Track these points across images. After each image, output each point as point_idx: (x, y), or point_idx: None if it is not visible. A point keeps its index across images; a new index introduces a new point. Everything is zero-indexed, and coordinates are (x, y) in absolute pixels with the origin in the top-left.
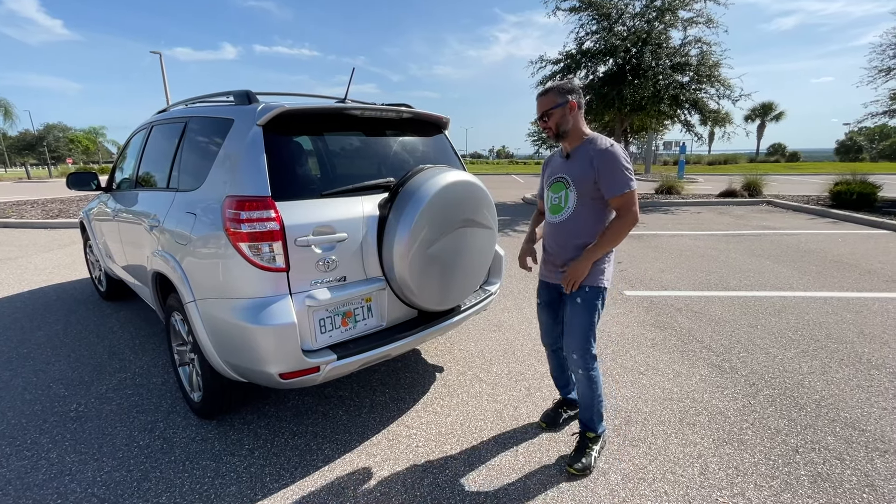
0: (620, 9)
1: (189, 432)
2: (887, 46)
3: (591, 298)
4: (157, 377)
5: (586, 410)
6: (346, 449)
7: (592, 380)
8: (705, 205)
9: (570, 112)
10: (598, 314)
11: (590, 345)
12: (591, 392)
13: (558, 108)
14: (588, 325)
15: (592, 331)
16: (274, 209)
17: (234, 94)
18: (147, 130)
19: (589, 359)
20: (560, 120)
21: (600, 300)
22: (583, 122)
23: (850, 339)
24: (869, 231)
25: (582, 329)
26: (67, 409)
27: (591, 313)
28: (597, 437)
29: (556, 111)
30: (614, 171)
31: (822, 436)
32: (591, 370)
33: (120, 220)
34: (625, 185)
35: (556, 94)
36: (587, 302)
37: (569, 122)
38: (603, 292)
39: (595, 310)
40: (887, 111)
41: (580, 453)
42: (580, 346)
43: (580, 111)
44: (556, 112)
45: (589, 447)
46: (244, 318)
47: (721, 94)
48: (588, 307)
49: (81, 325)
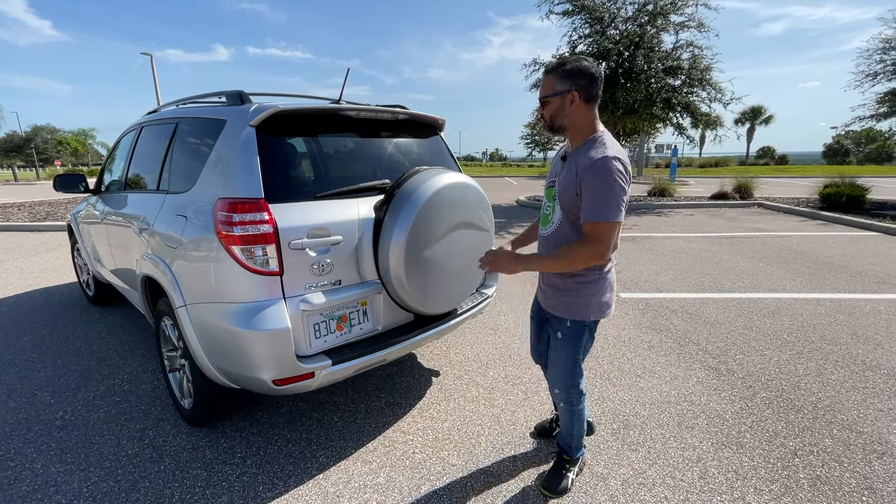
0: (613, 13)
1: (179, 440)
2: (874, 51)
3: (572, 334)
4: (147, 383)
5: (565, 437)
6: (342, 456)
7: (574, 414)
8: (698, 207)
9: (570, 104)
10: (581, 350)
11: (573, 381)
12: (571, 424)
13: (556, 96)
14: (570, 362)
15: (577, 367)
16: (267, 211)
17: (227, 95)
18: (137, 132)
19: (573, 394)
20: (555, 112)
21: (585, 335)
22: (591, 118)
23: (843, 340)
24: (859, 233)
25: (564, 365)
26: (53, 417)
27: (572, 350)
28: (574, 461)
29: (554, 100)
30: (598, 191)
31: (820, 438)
32: (574, 405)
33: (109, 222)
34: (603, 212)
35: (558, 77)
36: (568, 338)
37: (566, 115)
38: (589, 327)
39: (577, 346)
40: (875, 115)
41: (557, 475)
42: (562, 381)
43: (588, 104)
44: (552, 101)
45: (566, 468)
46: (237, 323)
47: (713, 98)
48: (569, 344)
49: (68, 330)
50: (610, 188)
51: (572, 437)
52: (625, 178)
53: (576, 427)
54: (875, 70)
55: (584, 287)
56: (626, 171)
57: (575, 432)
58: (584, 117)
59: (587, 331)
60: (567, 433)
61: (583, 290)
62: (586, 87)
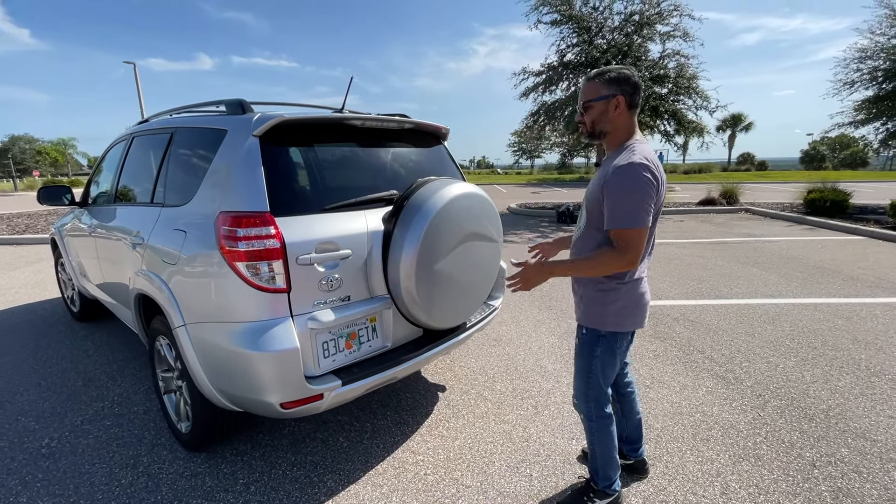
0: (600, 22)
1: (176, 467)
2: (851, 61)
3: (587, 342)
4: (139, 405)
5: (590, 459)
6: (350, 479)
7: (592, 432)
8: (687, 213)
9: (615, 109)
10: (596, 361)
11: (589, 391)
12: (592, 444)
13: (600, 100)
14: (585, 371)
15: (592, 378)
16: (274, 225)
17: (226, 104)
18: (127, 142)
19: (591, 407)
20: (598, 117)
21: (601, 346)
22: (632, 125)
23: (845, 345)
24: (845, 237)
25: (580, 373)
26: (39, 445)
27: (587, 359)
28: (600, 492)
29: (598, 104)
30: (621, 196)
31: (835, 448)
32: (592, 421)
33: (97, 236)
34: (627, 218)
35: (604, 83)
36: (583, 346)
37: (608, 121)
38: (605, 339)
39: (592, 355)
40: (853, 122)
41: (576, 499)
42: (579, 390)
43: (630, 111)
44: (596, 105)
45: (588, 497)
46: (242, 344)
47: (699, 106)
48: (584, 351)
49: (53, 350)
50: (632, 193)
51: (595, 460)
52: (652, 183)
53: (597, 448)
54: (852, 79)
55: (602, 295)
56: (653, 176)
57: (597, 455)
58: (624, 123)
59: (603, 342)
60: (590, 454)
61: (602, 298)
62: (631, 93)
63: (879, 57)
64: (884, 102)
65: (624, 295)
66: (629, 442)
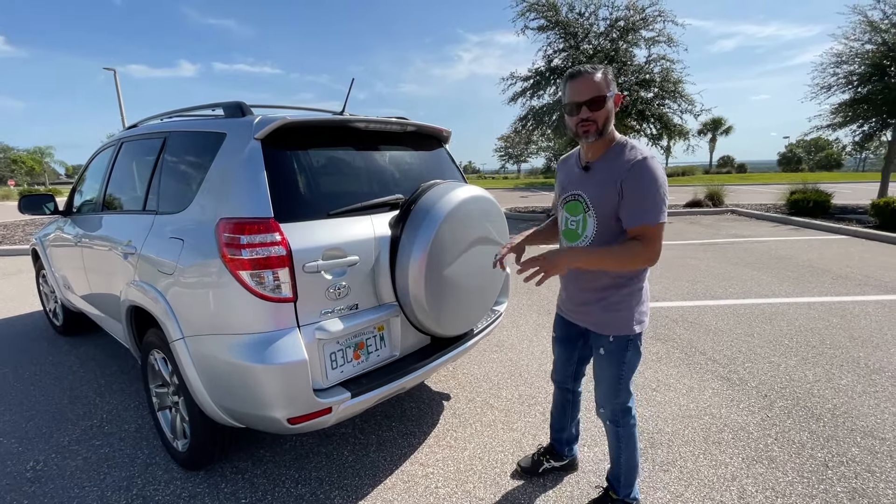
0: (586, 28)
1: (173, 488)
2: (827, 65)
3: (616, 350)
4: (130, 423)
5: (614, 467)
6: (359, 495)
7: (620, 438)
8: (674, 215)
9: (615, 106)
10: (626, 366)
11: (620, 397)
12: (618, 450)
13: (611, 97)
14: (615, 378)
15: (622, 383)
16: (279, 232)
17: (224, 107)
18: (115, 148)
19: (618, 412)
20: (609, 114)
21: (630, 350)
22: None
23: (843, 343)
24: (829, 237)
25: (609, 381)
26: (23, 468)
27: (617, 365)
28: (620, 502)
29: (610, 101)
30: (645, 193)
31: (846, 447)
32: (619, 426)
33: (84, 246)
34: (651, 214)
35: (612, 78)
36: (612, 354)
37: (611, 120)
38: (634, 340)
39: (622, 361)
40: (830, 125)
41: None
42: (608, 398)
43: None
44: (609, 101)
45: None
46: (246, 357)
47: (684, 109)
48: (613, 359)
49: (35, 366)
50: (656, 189)
51: (620, 468)
52: (664, 176)
53: (623, 454)
54: (829, 83)
55: (628, 299)
56: (661, 168)
57: (623, 461)
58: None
59: (631, 345)
60: (615, 461)
61: (628, 302)
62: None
63: (854, 62)
64: (860, 105)
65: (642, 294)
66: (569, 443)
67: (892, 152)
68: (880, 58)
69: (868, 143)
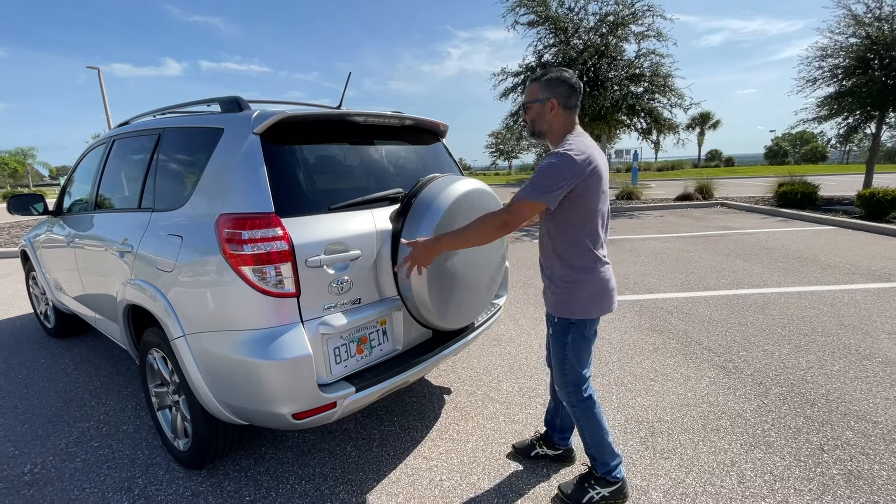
0: (576, 23)
1: (175, 487)
2: (813, 59)
3: (559, 331)
4: (128, 424)
5: (585, 446)
6: (363, 490)
7: (578, 419)
8: (665, 208)
9: (550, 111)
10: (569, 348)
11: (566, 377)
12: (581, 430)
13: (536, 103)
14: (560, 359)
15: (567, 364)
16: (280, 226)
17: (221, 102)
18: (107, 146)
19: (570, 392)
20: (536, 117)
21: (572, 333)
22: (569, 125)
23: (834, 331)
24: (817, 227)
25: (557, 362)
26: (20, 472)
27: (561, 346)
28: (600, 479)
29: (535, 106)
30: (533, 177)
31: (840, 431)
32: (574, 405)
33: (76, 246)
34: (526, 190)
35: (541, 86)
36: (556, 334)
37: (545, 121)
38: (575, 325)
39: (564, 343)
40: (816, 118)
41: (580, 486)
42: (557, 378)
43: (567, 111)
44: (533, 107)
45: (590, 483)
46: (250, 353)
47: (674, 104)
48: (557, 339)
49: (28, 369)
50: (542, 174)
51: (589, 447)
52: (565, 168)
53: (588, 435)
54: (815, 76)
55: (572, 286)
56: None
57: (589, 440)
58: (561, 124)
59: (574, 329)
60: (583, 440)
61: (571, 288)
62: (565, 95)
63: (839, 55)
64: (844, 98)
65: (591, 283)
66: (561, 431)
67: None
68: (864, 51)
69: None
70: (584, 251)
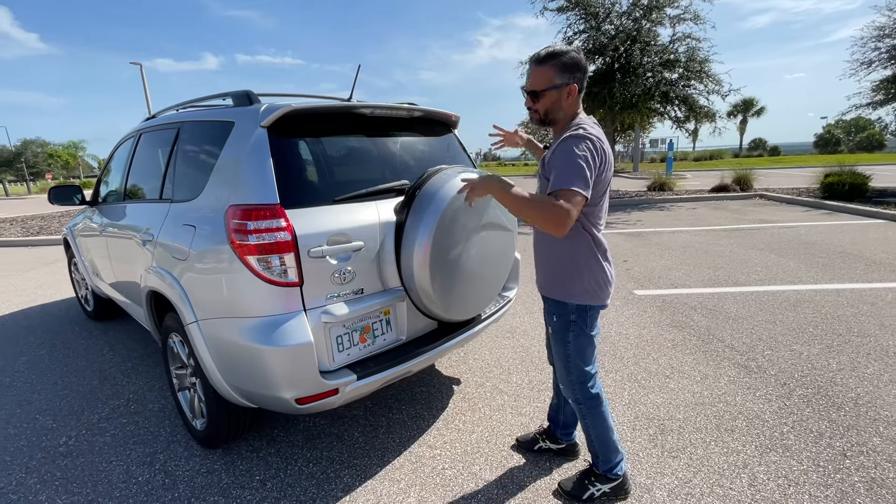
0: (608, 7)
1: (192, 464)
2: (868, 39)
3: (559, 330)
4: (154, 402)
5: (588, 443)
6: (367, 475)
7: (584, 416)
8: (699, 200)
9: (568, 97)
10: (571, 347)
11: (570, 375)
12: (585, 428)
13: (553, 90)
14: (563, 358)
15: (570, 363)
16: (284, 218)
17: (233, 96)
18: (135, 139)
19: (576, 390)
20: (552, 105)
21: (572, 332)
22: (578, 108)
23: (871, 332)
24: (865, 221)
25: (560, 360)
26: (56, 444)
27: (562, 345)
28: (601, 476)
29: (551, 94)
30: (563, 163)
31: (867, 437)
32: (579, 402)
33: (108, 235)
34: (564, 180)
35: (558, 70)
36: (556, 334)
37: (561, 109)
38: (574, 323)
39: (565, 342)
40: (871, 102)
41: (580, 482)
42: (563, 377)
43: (579, 95)
44: (549, 94)
45: (590, 480)
46: (254, 339)
47: (711, 90)
48: (558, 339)
49: (68, 349)
50: (574, 159)
51: (593, 444)
52: (594, 154)
53: (592, 432)
54: (870, 58)
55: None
56: (594, 147)
57: (593, 438)
58: (573, 108)
59: (574, 326)
60: (587, 438)
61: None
62: (581, 79)
63: None
64: None
65: (591, 271)
66: (564, 426)
67: None
68: None
69: None
70: (585, 239)
